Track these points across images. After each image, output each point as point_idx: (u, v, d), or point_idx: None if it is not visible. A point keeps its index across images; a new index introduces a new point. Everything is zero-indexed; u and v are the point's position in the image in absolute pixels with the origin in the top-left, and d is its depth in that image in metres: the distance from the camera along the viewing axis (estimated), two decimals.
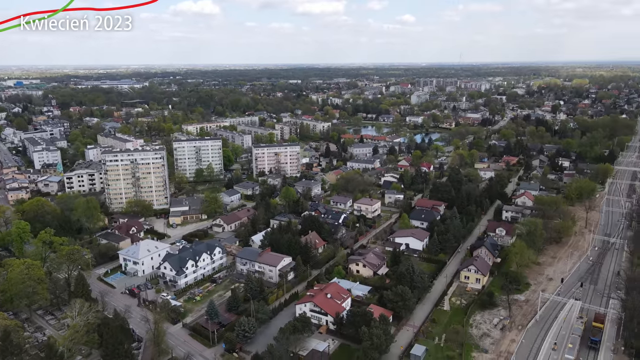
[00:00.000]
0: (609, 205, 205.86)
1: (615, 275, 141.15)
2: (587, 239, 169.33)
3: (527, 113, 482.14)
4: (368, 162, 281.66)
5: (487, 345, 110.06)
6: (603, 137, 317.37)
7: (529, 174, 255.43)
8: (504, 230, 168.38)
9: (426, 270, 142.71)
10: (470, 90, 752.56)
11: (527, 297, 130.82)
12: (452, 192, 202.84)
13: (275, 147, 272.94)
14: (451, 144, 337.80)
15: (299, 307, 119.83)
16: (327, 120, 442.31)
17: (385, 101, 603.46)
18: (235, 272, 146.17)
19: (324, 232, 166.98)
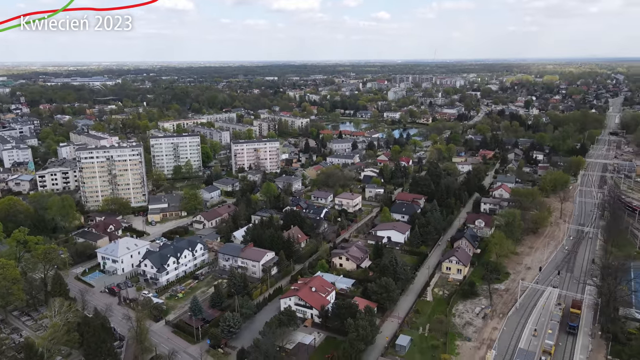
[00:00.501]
0: (582, 196, 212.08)
1: (590, 263, 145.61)
2: (562, 229, 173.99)
3: (502, 108, 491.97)
4: (347, 158, 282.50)
5: (470, 333, 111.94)
6: (574, 131, 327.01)
7: (505, 167, 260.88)
8: (483, 221, 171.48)
9: (408, 262, 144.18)
10: (445, 87, 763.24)
11: (507, 286, 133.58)
12: (431, 185, 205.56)
13: (254, 143, 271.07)
14: (429, 139, 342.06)
15: (284, 301, 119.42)
16: (305, 117, 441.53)
17: (362, 97, 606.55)
18: (217, 268, 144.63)
19: (306, 226, 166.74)
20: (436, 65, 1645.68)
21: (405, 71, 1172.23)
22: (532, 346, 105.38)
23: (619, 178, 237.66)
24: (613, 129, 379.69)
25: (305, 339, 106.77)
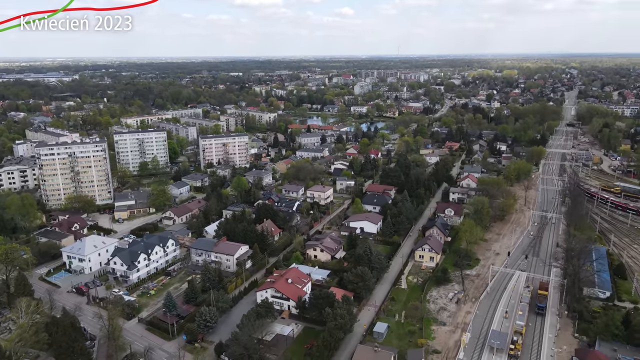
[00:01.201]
0: (544, 184, 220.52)
1: (554, 247, 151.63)
2: (527, 216, 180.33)
3: (465, 102, 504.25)
4: (317, 151, 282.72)
5: (444, 318, 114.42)
6: (534, 123, 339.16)
7: (470, 158, 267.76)
8: (453, 210, 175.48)
9: (382, 252, 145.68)
10: (410, 81, 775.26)
11: (477, 272, 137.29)
12: (401, 176, 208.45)
13: (223, 138, 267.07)
14: (396, 132, 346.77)
15: (260, 293, 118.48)
16: (272, 112, 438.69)
17: (329, 92, 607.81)
18: (190, 264, 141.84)
19: (279, 219, 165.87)
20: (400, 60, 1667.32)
21: (370, 66, 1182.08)
22: (504, 327, 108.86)
23: (577, 166, 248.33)
24: (569, 121, 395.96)
25: (283, 330, 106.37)
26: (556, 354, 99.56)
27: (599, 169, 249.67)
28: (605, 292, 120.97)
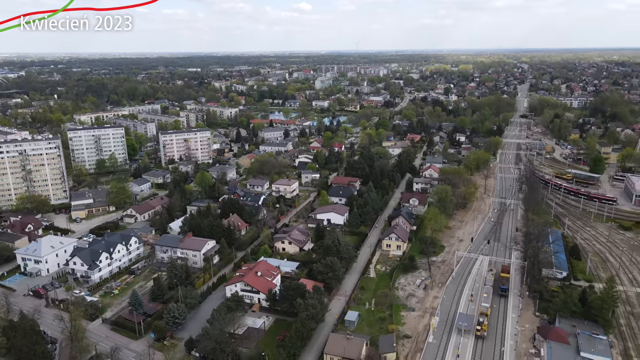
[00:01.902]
0: (502, 172, 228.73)
1: (514, 231, 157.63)
2: (487, 203, 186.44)
3: (424, 95, 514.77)
4: (280, 145, 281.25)
5: (413, 304, 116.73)
6: (490, 115, 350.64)
7: (432, 149, 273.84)
8: (417, 200, 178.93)
9: (350, 242, 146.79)
10: (370, 76, 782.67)
11: (443, 258, 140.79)
12: (365, 168, 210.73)
13: (184, 134, 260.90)
14: (359, 125, 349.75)
15: (229, 288, 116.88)
16: (233, 107, 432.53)
17: (290, 87, 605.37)
18: (155, 261, 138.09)
19: (245, 214, 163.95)
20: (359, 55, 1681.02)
21: (330, 61, 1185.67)
22: (470, 310, 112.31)
23: (532, 155, 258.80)
24: (523, 112, 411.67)
25: (255, 323, 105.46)
26: (520, 332, 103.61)
27: (551, 157, 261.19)
28: (562, 272, 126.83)
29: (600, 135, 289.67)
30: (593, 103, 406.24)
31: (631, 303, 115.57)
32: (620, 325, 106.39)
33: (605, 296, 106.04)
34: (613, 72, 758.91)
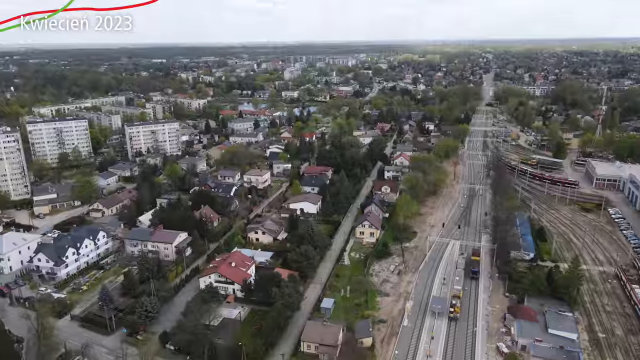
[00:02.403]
0: (470, 159, 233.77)
1: (483, 216, 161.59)
2: (457, 189, 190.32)
3: (393, 85, 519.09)
4: (251, 136, 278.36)
5: (388, 289, 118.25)
6: (458, 103, 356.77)
7: (402, 138, 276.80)
8: (389, 187, 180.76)
9: (324, 231, 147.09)
10: (339, 66, 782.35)
11: (416, 244, 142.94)
12: (337, 158, 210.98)
13: (151, 125, 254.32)
14: (329, 115, 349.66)
15: (203, 279, 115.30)
16: (201, 98, 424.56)
17: (258, 78, 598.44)
18: (125, 255, 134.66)
19: (217, 205, 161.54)
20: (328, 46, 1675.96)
21: (298, 52, 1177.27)
22: (443, 293, 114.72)
23: (498, 142, 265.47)
24: (488, 101, 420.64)
25: (230, 314, 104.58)
26: (491, 313, 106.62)
27: (517, 144, 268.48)
28: (529, 254, 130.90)
29: (562, 122, 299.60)
30: (554, 91, 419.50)
31: (594, 281, 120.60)
32: (584, 302, 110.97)
33: (570, 275, 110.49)
34: (572, 62, 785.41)
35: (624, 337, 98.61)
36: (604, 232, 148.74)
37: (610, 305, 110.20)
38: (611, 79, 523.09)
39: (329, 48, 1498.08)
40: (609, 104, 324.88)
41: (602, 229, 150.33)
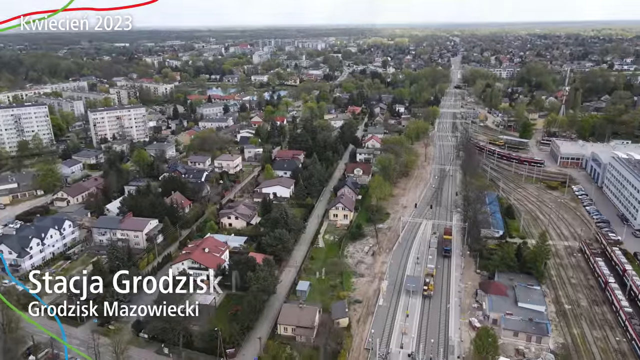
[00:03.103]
0: (440, 141, 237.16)
1: (454, 195, 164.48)
2: (428, 170, 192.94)
3: (363, 68, 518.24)
4: (221, 121, 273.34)
5: (362, 270, 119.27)
6: (427, 86, 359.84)
7: (373, 121, 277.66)
8: (361, 170, 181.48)
9: (297, 214, 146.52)
10: (308, 50, 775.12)
11: (389, 225, 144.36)
12: (309, 141, 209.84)
13: (116, 111, 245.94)
14: (299, 99, 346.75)
15: (176, 266, 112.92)
16: (168, 83, 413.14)
17: (227, 62, 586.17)
18: (93, 245, 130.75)
19: (188, 191, 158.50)
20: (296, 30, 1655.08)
21: (266, 35, 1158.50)
22: (417, 272, 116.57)
23: (467, 124, 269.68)
24: (457, 83, 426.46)
25: (205, 300, 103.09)
26: (463, 289, 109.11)
27: (484, 125, 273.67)
28: (498, 232, 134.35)
29: (527, 103, 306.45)
30: (520, 73, 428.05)
31: (560, 255, 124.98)
32: (551, 276, 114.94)
33: (538, 250, 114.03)
34: (536, 45, 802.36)
35: (588, 307, 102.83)
36: (569, 208, 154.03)
37: (575, 277, 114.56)
38: (573, 61, 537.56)
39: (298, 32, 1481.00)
40: (571, 85, 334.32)
41: (566, 205, 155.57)
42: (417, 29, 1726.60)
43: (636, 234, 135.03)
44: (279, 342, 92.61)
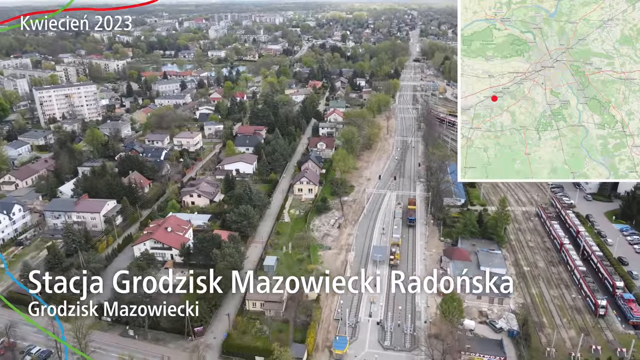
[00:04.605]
0: (402, 113, 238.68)
1: (417, 166, 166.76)
2: (390, 142, 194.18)
3: (322, 42, 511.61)
4: (178, 98, 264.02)
5: (329, 243, 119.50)
6: (387, 59, 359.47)
7: (334, 95, 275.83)
8: (324, 144, 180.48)
9: (262, 190, 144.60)
10: (266, 24, 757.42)
11: (353, 197, 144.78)
12: (270, 116, 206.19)
13: (65, 89, 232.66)
14: (259, 74, 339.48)
15: (138, 247, 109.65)
16: (120, 59, 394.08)
17: (181, 37, 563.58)
18: (46, 229, 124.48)
19: (147, 170, 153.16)
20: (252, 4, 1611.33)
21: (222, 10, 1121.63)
22: (383, 242, 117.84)
23: (427, 96, 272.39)
24: (416, 56, 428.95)
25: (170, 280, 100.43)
26: (428, 257, 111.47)
27: (444, 97, 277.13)
28: (460, 200, 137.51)
29: None
30: None
31: (518, 221, 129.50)
32: (511, 240, 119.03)
33: (498, 216, 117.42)
34: None
35: (545, 268, 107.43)
36: None
37: (532, 241, 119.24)
38: None
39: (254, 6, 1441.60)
40: None
41: None
42: (376, 2, 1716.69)
43: (587, 197, 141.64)
44: (248, 317, 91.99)
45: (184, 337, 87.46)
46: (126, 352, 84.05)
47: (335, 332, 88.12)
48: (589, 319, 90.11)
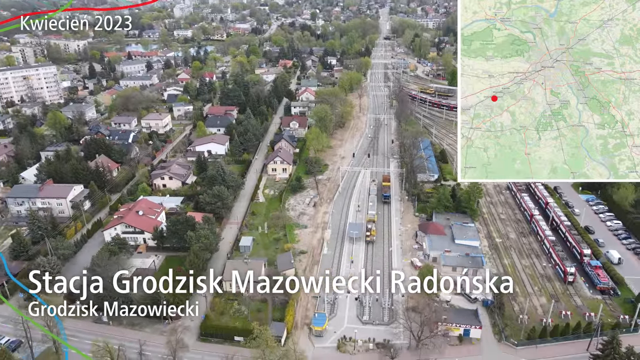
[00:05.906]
0: (374, 91, 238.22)
1: (390, 143, 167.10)
2: (363, 120, 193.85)
3: (291, 21, 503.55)
4: (144, 79, 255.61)
5: (305, 221, 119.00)
6: (358, 37, 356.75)
7: (305, 74, 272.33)
8: (297, 123, 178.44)
9: (235, 170, 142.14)
10: (233, 2, 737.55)
11: (328, 176, 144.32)
12: (241, 96, 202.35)
13: (22, 70, 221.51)
14: (228, 54, 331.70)
15: (108, 232, 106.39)
16: (80, 39, 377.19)
17: (145, 16, 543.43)
18: (9, 217, 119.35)
19: (115, 153, 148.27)
20: None
21: None
22: (359, 219, 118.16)
23: (398, 74, 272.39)
24: (386, 34, 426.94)
25: (144, 264, 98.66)
26: (403, 232, 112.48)
27: (415, 74, 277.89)
28: (434, 175, 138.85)
29: (454, 52, 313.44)
30: (445, 23, 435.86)
31: (490, 194, 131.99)
32: (483, 213, 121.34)
33: (471, 191, 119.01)
34: None
35: (517, 239, 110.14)
36: None
37: (504, 213, 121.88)
38: None
39: None
40: None
41: None
42: None
43: None
44: (226, 298, 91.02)
45: (160, 320, 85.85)
46: (100, 338, 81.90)
47: (314, 309, 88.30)
48: (559, 286, 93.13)
